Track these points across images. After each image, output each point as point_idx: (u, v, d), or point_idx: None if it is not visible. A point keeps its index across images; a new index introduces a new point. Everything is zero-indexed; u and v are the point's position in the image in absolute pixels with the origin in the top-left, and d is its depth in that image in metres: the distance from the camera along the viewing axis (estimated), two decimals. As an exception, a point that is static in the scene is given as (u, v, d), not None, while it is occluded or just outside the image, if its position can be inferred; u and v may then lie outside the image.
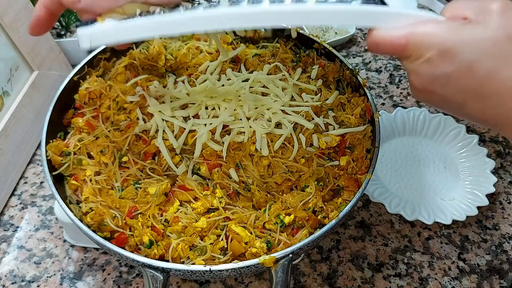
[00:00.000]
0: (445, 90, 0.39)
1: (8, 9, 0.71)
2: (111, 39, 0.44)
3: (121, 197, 0.54)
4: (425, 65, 0.39)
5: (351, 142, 0.58)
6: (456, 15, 0.39)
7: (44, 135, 0.57)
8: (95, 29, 0.43)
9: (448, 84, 0.38)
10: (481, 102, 0.38)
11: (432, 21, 0.38)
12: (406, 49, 0.39)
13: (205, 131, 0.55)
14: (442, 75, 0.38)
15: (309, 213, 0.53)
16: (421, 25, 0.38)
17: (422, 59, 0.39)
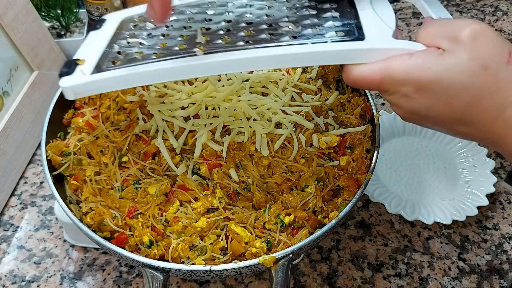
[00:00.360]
0: (428, 120, 0.40)
1: (8, 9, 0.71)
2: (93, 92, 0.44)
3: (121, 197, 0.54)
4: (403, 99, 0.39)
5: (351, 142, 0.58)
6: (430, 43, 0.39)
7: (44, 135, 0.57)
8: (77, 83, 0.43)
9: (430, 115, 0.39)
10: (468, 127, 0.39)
11: (404, 55, 0.38)
12: (381, 85, 0.39)
13: (205, 131, 0.55)
14: (422, 108, 0.39)
15: (309, 213, 0.53)
16: (394, 61, 0.38)
17: (399, 95, 0.39)
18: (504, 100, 0.36)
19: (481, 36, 0.37)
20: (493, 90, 0.36)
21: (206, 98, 0.58)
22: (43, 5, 0.87)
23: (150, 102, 0.58)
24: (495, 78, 0.36)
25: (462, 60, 0.36)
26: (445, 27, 0.39)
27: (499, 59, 0.36)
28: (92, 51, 0.46)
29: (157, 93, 0.60)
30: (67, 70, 0.44)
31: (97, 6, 0.87)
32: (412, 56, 0.38)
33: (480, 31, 0.37)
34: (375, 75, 0.39)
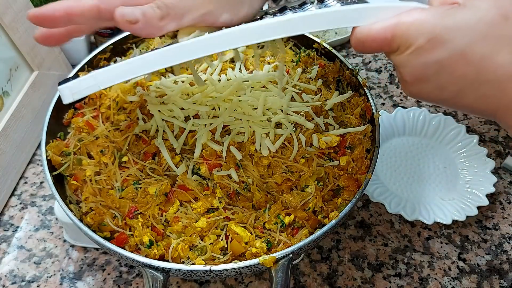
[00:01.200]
0: (439, 79, 0.36)
1: (8, 9, 0.71)
2: (92, 87, 0.43)
3: (121, 197, 0.54)
4: (414, 55, 0.36)
5: (351, 142, 0.58)
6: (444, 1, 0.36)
7: (44, 135, 0.57)
8: (74, 81, 0.42)
9: (441, 72, 0.35)
10: (478, 90, 0.35)
11: (416, 9, 0.36)
12: (393, 41, 0.36)
13: (205, 131, 0.55)
14: (434, 63, 0.35)
15: (309, 213, 0.53)
16: (405, 15, 0.36)
17: (410, 49, 0.36)
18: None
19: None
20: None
21: (206, 98, 0.58)
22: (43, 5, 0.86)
23: (150, 102, 0.58)
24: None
25: (481, 8, 0.33)
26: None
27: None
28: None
29: (157, 93, 0.60)
30: (67, 79, 0.43)
31: (97, 6, 0.86)
32: (425, 10, 0.35)
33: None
34: (386, 32, 0.36)
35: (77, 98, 0.43)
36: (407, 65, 0.37)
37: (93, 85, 0.42)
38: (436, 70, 0.35)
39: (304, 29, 0.40)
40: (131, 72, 0.42)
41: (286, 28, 0.40)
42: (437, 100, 0.39)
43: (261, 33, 0.40)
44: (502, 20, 0.33)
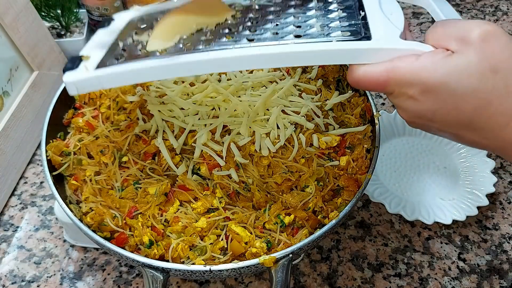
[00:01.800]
0: (434, 124, 0.38)
1: (8, 9, 0.71)
2: (95, 87, 0.44)
3: (121, 197, 0.54)
4: (409, 101, 0.38)
5: (351, 142, 0.58)
6: (438, 44, 0.38)
7: (44, 135, 0.57)
8: (80, 78, 0.43)
9: (435, 119, 0.38)
10: (475, 133, 0.37)
11: (411, 56, 0.37)
12: (387, 86, 0.38)
13: (205, 132, 0.55)
14: (428, 111, 0.37)
15: (309, 213, 0.53)
16: (400, 61, 0.37)
17: (405, 97, 0.38)
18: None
19: (492, 38, 0.35)
20: (502, 95, 0.35)
21: (206, 99, 0.58)
22: (43, 5, 0.87)
23: (150, 102, 0.58)
24: (505, 82, 0.35)
25: (471, 62, 0.35)
26: (454, 28, 0.37)
27: (510, 62, 0.35)
28: (98, 48, 0.46)
29: (157, 93, 0.60)
30: (71, 66, 0.44)
31: (97, 6, 0.87)
32: (419, 57, 0.37)
33: (491, 32, 0.36)
34: (381, 76, 0.38)
35: (82, 93, 0.44)
36: (402, 108, 0.39)
37: (97, 84, 0.43)
38: (430, 117, 0.38)
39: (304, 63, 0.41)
40: (136, 78, 0.43)
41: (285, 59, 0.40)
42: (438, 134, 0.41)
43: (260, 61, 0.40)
44: (492, 74, 0.35)
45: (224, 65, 0.41)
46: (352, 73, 0.39)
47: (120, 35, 0.48)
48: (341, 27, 0.42)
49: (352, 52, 0.39)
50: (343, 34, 0.41)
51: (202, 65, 0.41)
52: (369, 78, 0.38)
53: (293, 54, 0.40)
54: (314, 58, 0.40)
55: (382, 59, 0.38)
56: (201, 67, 0.41)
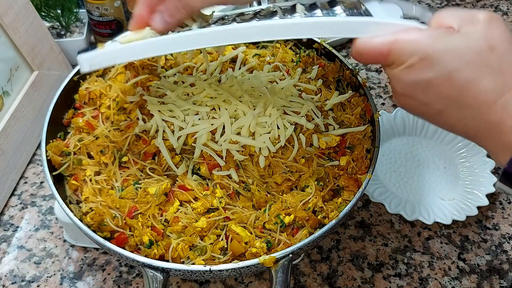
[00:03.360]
0: (425, 96, 0.39)
1: (8, 9, 0.71)
2: (108, 61, 0.48)
3: (121, 197, 0.54)
4: (406, 71, 0.39)
5: (351, 142, 0.58)
6: (441, 24, 0.39)
7: (44, 135, 0.57)
8: (94, 54, 0.47)
9: (427, 90, 0.39)
10: (460, 112, 0.38)
11: (414, 29, 0.39)
12: (389, 56, 0.39)
13: (205, 132, 0.55)
14: (422, 81, 0.38)
15: (309, 213, 0.53)
16: (403, 33, 0.39)
17: (403, 66, 0.39)
18: (504, 83, 0.36)
19: (496, 22, 0.37)
20: (495, 72, 0.36)
21: (206, 99, 0.58)
22: (43, 5, 0.87)
23: (150, 102, 0.58)
24: (499, 60, 0.36)
25: (471, 37, 0.36)
26: (460, 12, 0.39)
27: (507, 44, 0.36)
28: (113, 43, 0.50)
29: (157, 93, 0.60)
30: (86, 49, 0.48)
31: (97, 6, 0.87)
32: (422, 31, 0.38)
33: (496, 18, 0.37)
34: (384, 46, 0.39)
35: (94, 69, 0.48)
36: (399, 79, 0.40)
37: (110, 59, 0.47)
38: (424, 87, 0.39)
39: (311, 34, 0.43)
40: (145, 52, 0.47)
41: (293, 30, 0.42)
42: (422, 114, 0.42)
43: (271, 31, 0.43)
44: (488, 50, 0.36)
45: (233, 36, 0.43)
46: (357, 45, 0.41)
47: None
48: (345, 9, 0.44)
49: (358, 25, 0.41)
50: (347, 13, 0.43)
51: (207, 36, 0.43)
52: (372, 49, 0.40)
53: (300, 25, 0.42)
54: (320, 29, 0.42)
55: (386, 32, 0.40)
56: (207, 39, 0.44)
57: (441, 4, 1.09)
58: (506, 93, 0.36)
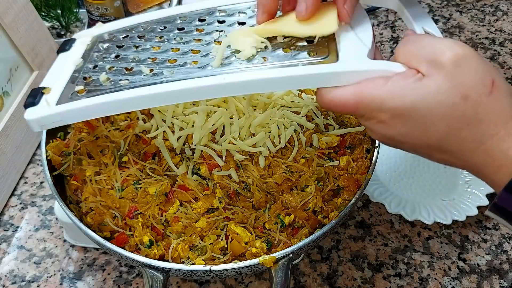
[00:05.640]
0: (406, 146, 0.39)
1: (8, 9, 0.71)
2: (58, 123, 0.43)
3: (121, 197, 0.54)
4: (378, 125, 0.38)
5: (351, 142, 0.58)
6: (409, 63, 0.37)
7: (44, 135, 0.57)
8: (41, 115, 0.42)
9: (406, 141, 0.38)
10: (445, 155, 0.38)
11: (380, 79, 0.37)
12: (357, 110, 0.38)
13: (205, 132, 0.55)
14: (398, 134, 0.37)
15: (309, 213, 0.53)
16: (369, 85, 0.37)
17: (374, 121, 0.38)
18: (484, 132, 0.35)
19: (464, 62, 0.35)
20: (472, 122, 0.35)
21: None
22: (43, 5, 0.87)
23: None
24: (475, 110, 0.34)
25: (441, 88, 0.35)
26: (426, 48, 0.37)
27: (480, 89, 0.35)
28: (59, 77, 0.45)
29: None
30: (33, 101, 0.43)
31: (97, 6, 0.87)
32: (388, 81, 0.36)
33: (463, 56, 0.35)
34: (349, 100, 0.37)
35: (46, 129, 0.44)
36: (372, 131, 0.39)
37: (60, 120, 0.43)
38: (400, 139, 0.38)
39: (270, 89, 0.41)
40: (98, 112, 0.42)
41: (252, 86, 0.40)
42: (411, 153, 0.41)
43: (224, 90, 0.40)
44: (462, 102, 0.35)
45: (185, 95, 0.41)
46: (321, 97, 0.39)
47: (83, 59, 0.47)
48: (307, 46, 0.41)
49: (319, 77, 0.38)
50: (310, 55, 0.40)
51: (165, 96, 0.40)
52: (338, 103, 0.38)
53: (258, 81, 0.39)
54: (280, 84, 0.40)
55: (351, 81, 0.38)
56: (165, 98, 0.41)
57: (441, 4, 1.09)
58: (487, 141, 0.35)
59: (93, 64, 0.46)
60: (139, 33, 0.49)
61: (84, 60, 0.47)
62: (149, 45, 0.47)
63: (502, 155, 0.35)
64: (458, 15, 1.06)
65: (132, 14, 0.93)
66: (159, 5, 0.95)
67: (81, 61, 0.47)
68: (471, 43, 0.99)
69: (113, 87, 0.42)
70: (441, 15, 1.06)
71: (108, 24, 0.51)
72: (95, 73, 0.45)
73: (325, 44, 0.41)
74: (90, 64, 0.46)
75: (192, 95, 0.41)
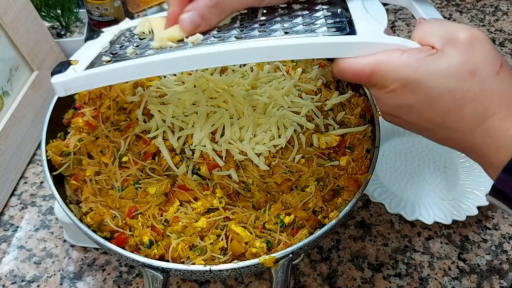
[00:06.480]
0: (409, 118, 0.40)
1: (8, 9, 0.71)
2: (83, 87, 0.44)
3: (121, 197, 0.54)
4: (389, 94, 0.39)
5: (351, 142, 0.58)
6: (424, 41, 0.39)
7: (44, 135, 0.57)
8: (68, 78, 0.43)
9: (411, 113, 0.39)
10: (444, 133, 0.39)
11: (396, 51, 0.38)
12: (371, 79, 0.39)
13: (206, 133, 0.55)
14: (405, 105, 0.39)
15: (309, 213, 0.53)
16: (385, 56, 0.38)
17: (386, 90, 0.39)
18: (486, 109, 0.36)
19: (478, 43, 0.37)
20: (476, 98, 0.36)
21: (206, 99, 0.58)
22: (43, 5, 0.87)
23: (150, 102, 0.58)
24: (480, 86, 0.36)
25: (452, 63, 0.36)
26: (443, 27, 0.38)
27: (489, 69, 0.36)
28: (87, 54, 0.47)
29: (157, 93, 0.60)
30: (60, 69, 0.44)
31: (97, 6, 0.87)
32: (404, 53, 0.38)
33: (478, 37, 0.37)
34: (366, 68, 0.39)
35: (70, 93, 0.44)
36: (382, 101, 0.41)
37: (85, 84, 0.43)
38: (407, 111, 0.39)
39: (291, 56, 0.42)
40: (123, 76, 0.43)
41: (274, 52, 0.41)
42: (410, 130, 0.42)
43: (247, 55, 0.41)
44: (469, 76, 0.36)
45: (210, 60, 0.41)
46: (338, 65, 0.41)
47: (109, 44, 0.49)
48: (326, 24, 0.43)
49: (338, 46, 0.40)
50: (329, 30, 0.41)
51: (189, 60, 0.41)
52: (354, 70, 0.40)
53: (280, 48, 0.40)
54: (300, 51, 0.41)
55: (368, 53, 0.39)
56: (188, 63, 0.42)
57: (441, 4, 1.09)
58: (488, 119, 0.36)
59: (120, 45, 0.48)
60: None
61: (111, 44, 0.49)
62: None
63: (502, 135, 0.36)
64: (458, 15, 1.06)
65: (132, 14, 0.93)
66: (159, 5, 0.95)
67: (108, 45, 0.48)
68: (471, 43, 0.99)
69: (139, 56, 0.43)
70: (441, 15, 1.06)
71: (135, 20, 0.53)
72: (120, 50, 0.46)
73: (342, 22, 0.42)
74: (117, 45, 0.48)
75: (215, 60, 0.42)
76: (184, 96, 0.58)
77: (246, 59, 0.42)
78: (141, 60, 0.42)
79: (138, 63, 0.42)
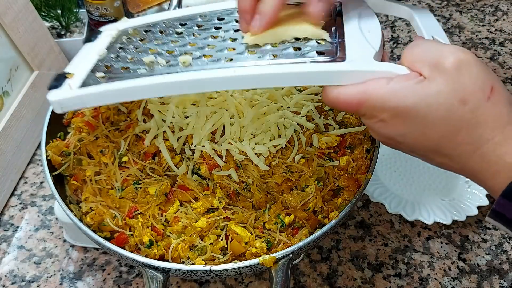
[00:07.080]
0: (404, 146, 0.39)
1: (8, 9, 0.71)
2: (79, 106, 0.46)
3: (121, 197, 0.54)
4: (379, 124, 0.39)
5: (351, 142, 0.58)
6: (412, 66, 0.38)
7: (44, 135, 0.57)
8: (63, 97, 0.44)
9: (404, 142, 0.39)
10: (443, 158, 0.38)
11: (383, 79, 0.38)
12: (360, 109, 0.39)
13: (206, 133, 0.55)
14: (397, 134, 0.38)
15: (309, 213, 0.53)
16: (372, 85, 0.38)
17: (375, 120, 0.39)
18: (481, 136, 0.36)
19: (465, 67, 0.36)
20: (470, 126, 0.36)
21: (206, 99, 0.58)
22: (43, 5, 0.87)
23: (150, 102, 0.58)
24: (473, 114, 0.35)
25: (441, 92, 0.36)
26: (430, 52, 0.38)
27: (479, 95, 0.35)
28: (83, 64, 0.47)
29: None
30: (56, 84, 0.45)
31: (97, 6, 0.87)
32: (391, 81, 0.37)
33: (465, 61, 0.36)
34: (353, 98, 0.38)
35: (66, 111, 0.46)
36: (374, 130, 0.40)
37: (80, 103, 0.45)
38: (400, 140, 0.39)
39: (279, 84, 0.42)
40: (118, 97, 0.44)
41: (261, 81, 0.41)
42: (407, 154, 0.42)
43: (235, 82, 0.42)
44: (460, 105, 0.35)
45: (199, 86, 0.42)
46: (326, 94, 0.40)
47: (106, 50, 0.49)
48: (316, 46, 0.42)
49: (326, 74, 0.40)
50: (318, 55, 0.41)
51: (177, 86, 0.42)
52: (342, 100, 0.39)
53: (267, 76, 0.41)
54: (288, 79, 0.41)
55: (355, 81, 0.39)
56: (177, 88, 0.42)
57: (441, 4, 1.09)
58: (484, 145, 0.36)
59: (115, 54, 0.48)
60: (160, 29, 0.51)
61: (108, 51, 0.49)
62: (168, 39, 0.49)
63: (498, 160, 0.35)
64: (458, 15, 1.06)
65: (132, 14, 0.93)
66: (159, 5, 0.95)
67: (105, 52, 0.49)
68: (471, 43, 0.99)
69: (131, 75, 0.44)
70: (441, 15, 1.06)
71: (133, 19, 0.54)
72: (116, 62, 0.47)
73: (333, 44, 0.42)
74: (113, 54, 0.48)
75: (203, 86, 0.42)
76: (184, 96, 0.58)
77: (233, 86, 0.43)
78: (132, 83, 0.43)
79: (130, 85, 0.43)
